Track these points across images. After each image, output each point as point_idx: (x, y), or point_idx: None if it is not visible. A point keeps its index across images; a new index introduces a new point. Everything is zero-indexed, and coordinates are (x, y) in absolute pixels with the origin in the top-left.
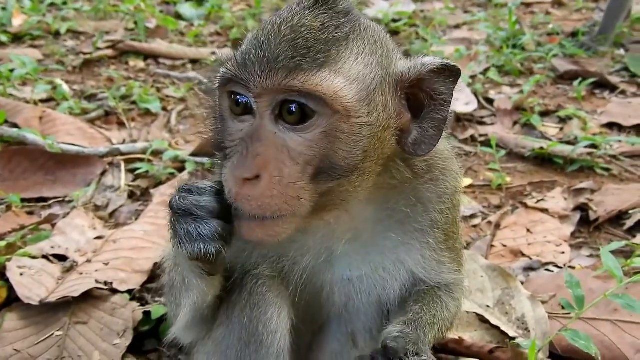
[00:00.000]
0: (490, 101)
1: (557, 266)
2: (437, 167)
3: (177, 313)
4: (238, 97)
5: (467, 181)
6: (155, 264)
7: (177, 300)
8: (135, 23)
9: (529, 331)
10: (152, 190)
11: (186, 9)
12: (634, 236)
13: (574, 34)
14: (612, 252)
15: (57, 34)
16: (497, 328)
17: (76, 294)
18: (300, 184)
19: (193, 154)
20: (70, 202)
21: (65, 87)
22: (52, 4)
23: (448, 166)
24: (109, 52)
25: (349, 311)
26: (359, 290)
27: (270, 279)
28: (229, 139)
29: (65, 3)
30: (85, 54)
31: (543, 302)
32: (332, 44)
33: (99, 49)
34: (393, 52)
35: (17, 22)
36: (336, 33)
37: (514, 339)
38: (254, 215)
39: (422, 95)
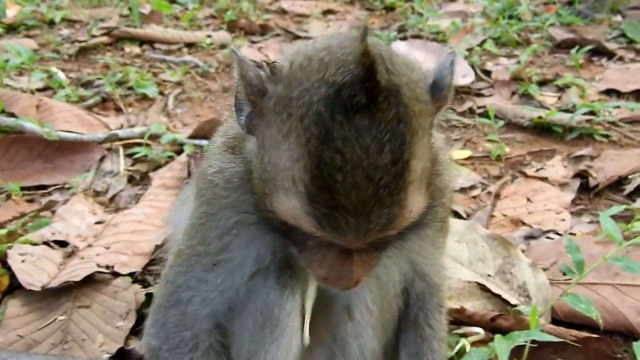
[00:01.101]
0: (487, 73)
1: (557, 233)
2: (439, 161)
3: None
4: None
5: (466, 153)
6: (157, 246)
7: None
8: (130, 9)
9: (531, 298)
10: (151, 174)
11: None
12: (634, 201)
13: (570, 2)
14: (613, 217)
15: (51, 23)
16: (498, 296)
17: (78, 279)
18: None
19: (191, 137)
20: (69, 188)
21: (61, 75)
22: None
23: (447, 158)
24: (104, 39)
25: None
26: None
27: (281, 262)
28: (295, 242)
29: None
30: (80, 42)
31: (544, 270)
32: (404, 169)
33: (94, 36)
34: (426, 94)
35: (11, 12)
36: (403, 154)
37: (515, 306)
38: None
39: None
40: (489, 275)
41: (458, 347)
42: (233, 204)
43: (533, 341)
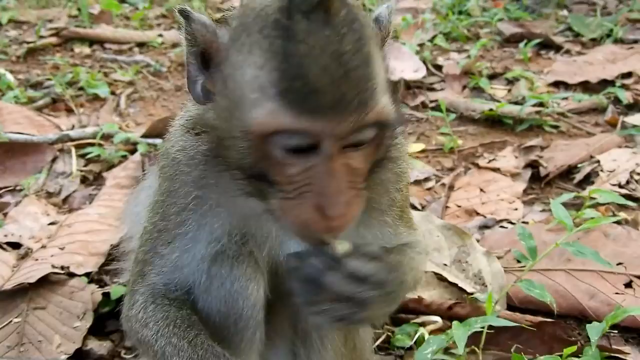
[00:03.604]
0: (439, 67)
1: (511, 222)
2: (395, 146)
3: None
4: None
5: (420, 146)
6: (112, 245)
7: None
8: (79, 10)
9: (486, 286)
10: (104, 174)
11: None
12: (584, 189)
13: None
14: (564, 204)
15: None
16: (455, 285)
17: (32, 280)
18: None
19: (144, 136)
20: (21, 190)
21: (9, 76)
22: None
23: (403, 144)
24: (53, 39)
25: None
26: None
27: (247, 255)
28: (277, 176)
29: None
30: (28, 43)
31: (499, 258)
32: (369, 59)
33: (42, 37)
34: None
35: None
36: (364, 46)
37: (472, 294)
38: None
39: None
40: (445, 265)
41: (417, 336)
42: (194, 180)
43: (490, 327)
